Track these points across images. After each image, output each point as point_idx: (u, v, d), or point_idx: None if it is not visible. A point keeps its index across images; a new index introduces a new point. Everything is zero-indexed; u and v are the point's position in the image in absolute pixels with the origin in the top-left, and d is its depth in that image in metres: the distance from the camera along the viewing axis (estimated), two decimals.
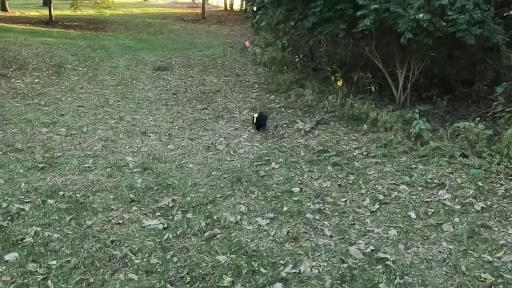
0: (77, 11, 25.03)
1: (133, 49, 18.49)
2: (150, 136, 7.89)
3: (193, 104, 10.00)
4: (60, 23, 25.14)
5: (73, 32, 22.82)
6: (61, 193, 5.67)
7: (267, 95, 10.50)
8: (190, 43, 21.61)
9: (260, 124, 8.11)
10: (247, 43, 18.93)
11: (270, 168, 6.50)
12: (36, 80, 11.99)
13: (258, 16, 10.28)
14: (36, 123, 8.43)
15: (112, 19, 27.66)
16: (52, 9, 25.54)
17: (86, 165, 6.55)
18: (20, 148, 7.14)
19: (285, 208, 5.35)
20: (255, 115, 8.26)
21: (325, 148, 7.19)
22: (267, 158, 6.85)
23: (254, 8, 11.94)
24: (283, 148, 7.22)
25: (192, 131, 8.15)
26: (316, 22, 8.72)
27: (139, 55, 16.86)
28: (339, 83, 9.80)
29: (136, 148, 7.30)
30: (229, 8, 35.12)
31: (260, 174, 6.29)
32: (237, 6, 35.06)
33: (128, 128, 8.29)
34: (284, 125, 8.31)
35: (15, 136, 7.73)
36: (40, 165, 6.48)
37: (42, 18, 26.48)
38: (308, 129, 7.85)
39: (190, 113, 9.31)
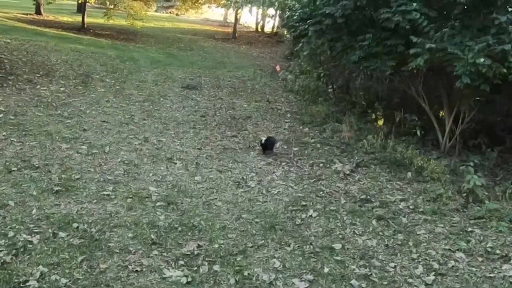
0: (110, 20, 24.69)
1: (162, 63, 17.97)
2: (176, 164, 7.23)
3: (222, 130, 9.34)
4: (91, 30, 24.83)
5: (104, 41, 22.44)
6: (75, 225, 5.01)
7: (301, 127, 9.80)
8: (220, 62, 21.07)
9: (267, 147, 8.04)
10: (277, 68, 18.33)
11: (307, 215, 5.77)
12: (62, 89, 11.44)
13: (300, 44, 9.60)
14: (57, 137, 7.84)
15: (143, 31, 27.32)
16: (85, 16, 25.27)
17: (105, 193, 5.90)
18: (37, 165, 6.53)
19: (326, 270, 4.61)
20: (263, 139, 8.19)
21: (368, 196, 6.44)
22: (303, 203, 6.12)
23: (288, 34, 11.31)
24: (321, 192, 6.49)
25: (221, 162, 7.48)
26: (363, 56, 8.02)
27: (168, 71, 16.32)
28: (380, 122, 9.07)
29: (161, 177, 6.63)
30: (260, 30, 34.64)
31: (296, 222, 5.57)
32: (268, 28, 34.56)
33: (153, 152, 7.63)
34: (321, 165, 7.58)
35: (32, 150, 7.13)
36: (56, 188, 5.85)
37: (74, 24, 26.21)
38: (347, 172, 7.12)
39: (219, 140, 8.65)
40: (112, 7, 25.01)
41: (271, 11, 30.11)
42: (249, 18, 37.10)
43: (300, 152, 8.11)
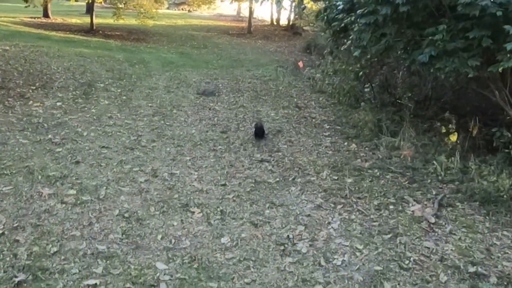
0: (120, 20, 22.59)
1: (175, 65, 15.84)
2: (193, 213, 5.12)
3: (249, 151, 7.21)
4: (101, 32, 22.78)
5: (113, 43, 20.37)
6: None
7: (345, 143, 7.62)
8: (236, 59, 18.90)
9: (258, 135, 7.85)
10: (300, 64, 16.16)
11: None
12: (58, 104, 9.39)
13: (348, 41, 7.37)
14: (39, 177, 5.79)
15: (154, 29, 25.21)
16: (94, 17, 23.20)
17: (91, 280, 3.79)
18: (0, 231, 4.45)
19: None
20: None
21: (476, 266, 4.23)
22: (387, 285, 3.94)
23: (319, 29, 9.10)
24: (406, 261, 4.30)
25: (253, 206, 5.35)
26: (435, 55, 5.78)
27: (181, 73, 14.20)
28: (453, 137, 6.83)
29: (173, 240, 4.53)
30: (275, 23, 32.31)
31: None
32: (283, 21, 32.21)
33: (163, 194, 5.54)
34: (391, 207, 5.38)
35: (3, 201, 5.06)
36: (19, 276, 3.76)
37: (83, 26, 24.18)
38: (431, 219, 4.93)
39: (247, 168, 6.52)
40: (121, 6, 22.87)
41: (286, 2, 27.81)
42: (263, 11, 34.75)
43: (357, 185, 5.92)
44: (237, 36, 26.42)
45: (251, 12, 28.44)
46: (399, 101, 9.63)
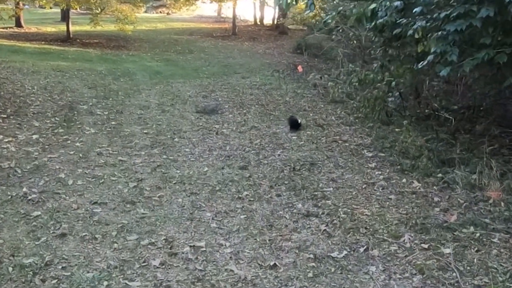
0: (97, 26, 20.43)
1: (163, 75, 13.89)
2: None
3: (285, 199, 5.41)
4: (78, 40, 20.62)
5: (92, 52, 18.28)
6: None
7: (403, 180, 5.84)
8: (226, 65, 17.02)
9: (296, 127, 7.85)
10: (299, 68, 14.42)
11: None
12: (34, 137, 7.45)
13: (428, 58, 5.37)
14: (10, 269, 3.87)
15: (135, 35, 23.09)
16: (70, 25, 20.98)
17: None
18: None
19: None
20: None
21: None
22: None
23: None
24: None
25: None
26: None
27: (173, 86, 12.29)
28: None
29: None
30: (259, 23, 30.36)
31: None
32: (267, 20, 30.28)
33: None
34: None
35: None
36: None
37: (59, 35, 21.96)
38: None
39: (292, 229, 4.71)
40: (98, 11, 20.68)
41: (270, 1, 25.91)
42: (245, 11, 32.72)
43: (463, 260, 4.06)
44: (222, 38, 24.47)
45: (234, 13, 26.43)
46: (437, 113, 7.89)
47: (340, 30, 11.69)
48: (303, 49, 19.57)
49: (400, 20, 5.54)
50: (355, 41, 11.17)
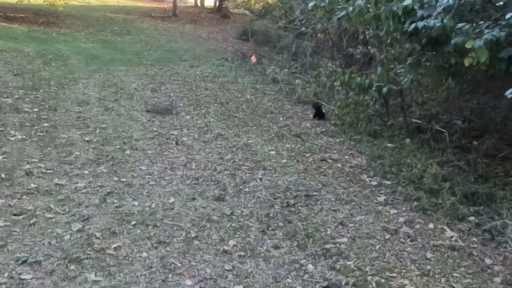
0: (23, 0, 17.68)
1: (102, 61, 11.85)
2: None
3: (285, 252, 4.01)
4: (1, 14, 17.72)
5: (18, 28, 15.65)
6: None
7: (428, 224, 4.52)
8: (169, 49, 15.13)
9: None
10: (253, 58, 12.94)
11: None
12: None
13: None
14: None
15: (66, 11, 20.38)
16: None
17: None
18: None
19: None
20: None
21: None
22: None
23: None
24: None
25: None
26: None
27: (114, 74, 10.37)
28: None
29: None
30: (199, 5, 28.26)
31: None
32: (208, 2, 28.24)
33: None
34: None
35: None
36: None
37: None
38: None
39: None
40: None
41: None
42: None
43: None
44: (162, 19, 22.29)
45: None
46: (430, 124, 6.71)
47: (303, 21, 10.24)
48: (249, 35, 18.03)
49: (460, 25, 4.12)
50: (322, 34, 9.77)
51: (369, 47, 7.28)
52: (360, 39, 9.04)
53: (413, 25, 4.18)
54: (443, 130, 6.46)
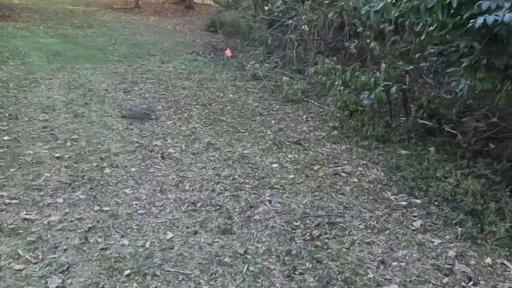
0: None
1: (64, 58, 10.60)
2: None
3: None
4: None
5: None
6: None
7: (484, 258, 3.73)
8: (135, 44, 13.93)
9: None
10: (228, 52, 11.98)
11: None
12: None
13: None
14: None
15: (22, 3, 18.71)
16: None
17: None
18: None
19: None
20: None
21: None
22: None
23: None
24: None
25: None
26: None
27: (80, 73, 9.20)
28: None
29: None
30: None
31: None
32: None
33: None
34: None
35: None
36: None
37: None
38: None
39: None
40: None
41: None
42: None
43: None
44: (124, 11, 20.85)
45: None
46: (442, 128, 5.99)
47: (284, 12, 9.35)
48: (217, 27, 16.99)
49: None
50: (306, 27, 8.90)
51: (368, 41, 6.44)
52: (347, 32, 8.24)
53: (481, 20, 3.37)
54: (456, 132, 5.75)
